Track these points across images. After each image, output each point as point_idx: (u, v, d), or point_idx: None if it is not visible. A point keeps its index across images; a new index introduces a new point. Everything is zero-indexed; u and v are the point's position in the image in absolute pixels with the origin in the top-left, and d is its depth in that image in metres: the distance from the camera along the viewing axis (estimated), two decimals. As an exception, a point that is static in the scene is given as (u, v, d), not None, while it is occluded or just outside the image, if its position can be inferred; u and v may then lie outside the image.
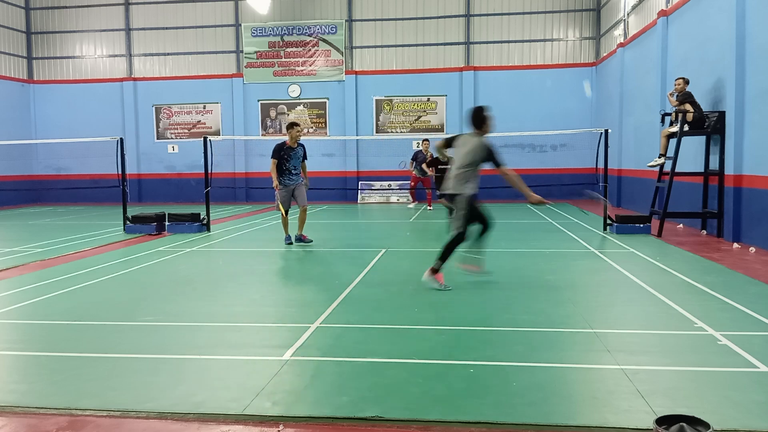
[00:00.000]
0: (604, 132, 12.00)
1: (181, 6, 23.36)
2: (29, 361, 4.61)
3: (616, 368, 4.22)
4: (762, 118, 9.66)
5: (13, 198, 22.22)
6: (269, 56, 23.04)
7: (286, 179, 10.21)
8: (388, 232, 13.09)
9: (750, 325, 5.28)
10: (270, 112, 23.15)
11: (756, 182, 9.86)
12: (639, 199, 16.01)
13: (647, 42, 15.60)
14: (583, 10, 21.97)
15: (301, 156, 10.29)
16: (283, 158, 10.12)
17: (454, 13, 22.38)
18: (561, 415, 3.48)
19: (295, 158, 10.19)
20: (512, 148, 21.09)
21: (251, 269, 8.50)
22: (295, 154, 10.19)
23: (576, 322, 5.49)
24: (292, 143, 10.19)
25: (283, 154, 10.12)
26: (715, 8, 11.41)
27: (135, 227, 12.55)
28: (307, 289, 7.42)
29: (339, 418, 3.50)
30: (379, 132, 22.68)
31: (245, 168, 23.12)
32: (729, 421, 3.36)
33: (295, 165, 10.19)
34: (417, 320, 5.60)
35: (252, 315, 5.92)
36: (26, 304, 6.44)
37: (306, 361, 4.46)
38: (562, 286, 7.01)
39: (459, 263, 7.48)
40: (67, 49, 24.11)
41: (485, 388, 3.89)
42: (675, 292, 6.54)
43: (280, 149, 10.15)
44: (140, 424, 3.47)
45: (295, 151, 10.20)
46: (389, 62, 22.78)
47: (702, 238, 10.99)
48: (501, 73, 22.21)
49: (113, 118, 23.47)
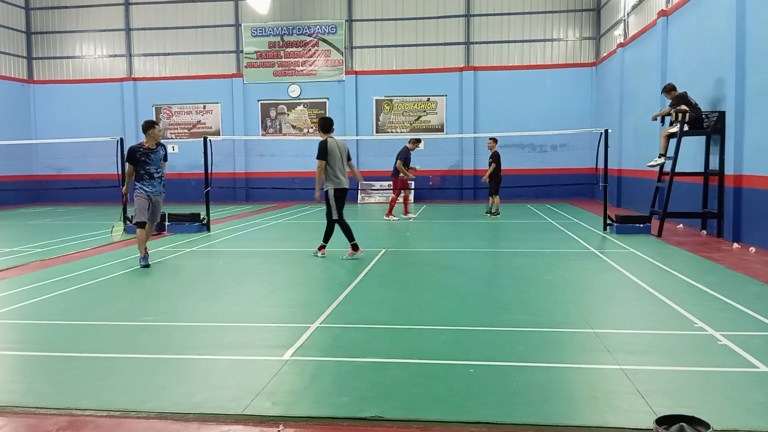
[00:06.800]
0: (604, 132, 12.00)
1: (181, 6, 23.36)
2: (29, 361, 4.61)
3: (616, 368, 4.21)
4: (762, 118, 9.66)
5: (13, 198, 22.22)
6: (269, 56, 23.04)
7: (147, 185, 8.77)
8: (388, 232, 13.09)
9: (750, 325, 5.28)
10: (270, 112, 23.14)
11: (756, 182, 9.85)
12: (639, 199, 16.00)
13: (647, 42, 15.59)
14: (583, 10, 21.97)
15: (161, 158, 8.92)
16: (140, 161, 8.72)
17: (454, 13, 22.38)
18: (561, 415, 3.48)
19: (155, 161, 8.83)
20: (512, 148, 21.10)
21: (251, 269, 8.50)
22: (156, 157, 8.84)
23: (576, 322, 5.48)
24: (151, 144, 8.85)
25: (140, 157, 8.72)
26: (715, 8, 11.41)
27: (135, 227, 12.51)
28: (307, 289, 7.42)
29: (339, 418, 3.49)
30: (379, 132, 22.67)
31: (245, 168, 23.13)
32: (729, 421, 3.36)
33: (157, 168, 8.84)
34: (417, 320, 5.60)
35: (252, 315, 5.92)
36: (26, 304, 6.43)
37: (306, 361, 4.46)
38: (562, 286, 7.01)
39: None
40: (67, 49, 24.10)
41: (485, 388, 3.89)
42: (675, 292, 6.54)
43: (135, 152, 8.76)
44: (140, 424, 3.47)
45: (155, 152, 8.85)
46: (389, 62, 22.78)
47: (702, 238, 10.99)
48: (501, 73, 22.21)
49: (113, 118, 23.47)
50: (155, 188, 8.86)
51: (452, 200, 22.16)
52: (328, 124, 9.25)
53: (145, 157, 8.76)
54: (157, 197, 8.91)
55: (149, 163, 8.78)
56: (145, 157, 8.76)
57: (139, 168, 8.76)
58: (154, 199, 8.87)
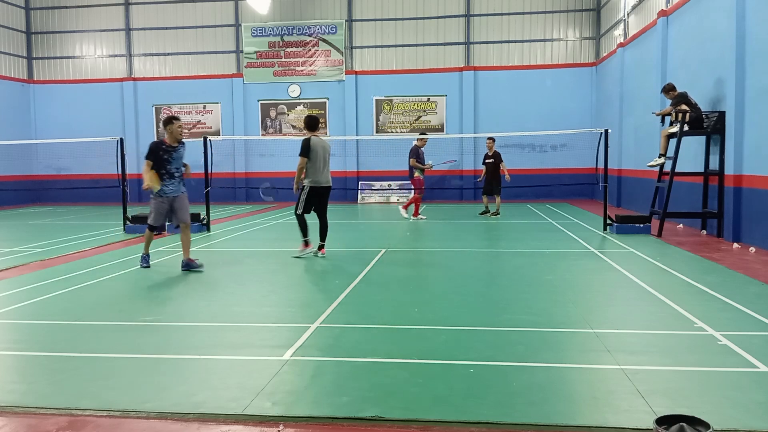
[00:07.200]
0: (604, 132, 12.01)
1: (181, 6, 23.36)
2: (29, 361, 4.61)
3: (616, 368, 4.21)
4: (762, 118, 9.66)
5: (13, 198, 22.22)
6: (269, 56, 23.04)
7: (167, 186, 8.33)
8: (388, 232, 13.09)
9: (750, 325, 5.28)
10: (270, 112, 23.15)
11: (756, 182, 9.85)
12: (639, 199, 16.01)
13: (647, 42, 15.60)
14: (583, 10, 21.97)
15: (183, 157, 8.45)
16: (162, 160, 8.25)
17: (454, 13, 22.38)
18: (561, 415, 3.48)
19: (176, 160, 8.37)
20: (512, 148, 21.09)
21: (251, 269, 8.50)
22: (177, 155, 8.39)
23: (576, 322, 5.48)
24: (172, 141, 8.37)
25: (162, 155, 8.26)
26: (715, 8, 11.41)
27: (135, 227, 12.55)
28: (307, 289, 7.42)
29: (339, 418, 3.49)
30: (379, 132, 22.67)
31: (245, 168, 23.13)
32: (729, 421, 3.36)
33: (177, 167, 8.36)
34: (417, 320, 5.60)
35: (252, 315, 5.92)
36: (26, 304, 6.43)
37: (306, 361, 4.46)
38: (562, 286, 7.01)
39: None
40: (67, 49, 24.10)
41: (485, 388, 3.89)
42: (675, 292, 6.54)
43: (158, 149, 8.28)
44: (140, 424, 3.47)
45: (177, 150, 8.39)
46: (389, 62, 22.78)
47: (702, 238, 10.99)
48: (501, 73, 22.21)
49: (113, 118, 23.47)
50: (175, 188, 8.37)
51: (452, 200, 22.15)
52: (313, 123, 9.42)
53: (168, 155, 8.24)
54: (180, 198, 8.43)
55: (171, 162, 8.26)
56: (167, 155, 8.24)
57: (159, 167, 8.23)
58: (174, 199, 8.38)
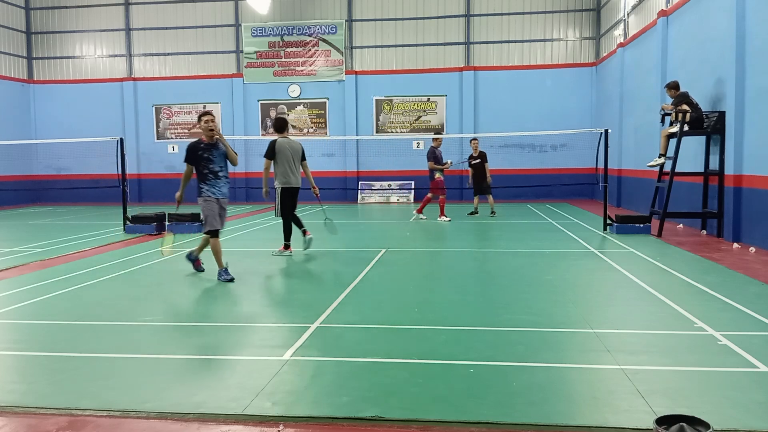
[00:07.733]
0: (604, 132, 12.00)
1: (181, 6, 23.36)
2: (29, 361, 4.61)
3: (616, 368, 4.21)
4: (762, 118, 9.66)
5: (13, 198, 22.22)
6: (269, 56, 23.03)
7: (214, 187, 7.66)
8: (388, 232, 13.09)
9: (750, 325, 5.28)
10: (270, 112, 23.13)
11: (756, 182, 9.85)
12: (639, 199, 16.00)
13: (647, 42, 15.59)
14: (583, 10, 21.97)
15: (224, 154, 7.70)
16: (202, 159, 7.59)
17: (454, 13, 22.38)
18: (561, 415, 3.48)
19: (219, 157, 7.66)
20: (512, 148, 21.10)
21: (251, 269, 8.50)
22: (218, 152, 7.67)
23: (576, 322, 5.48)
24: (210, 138, 7.61)
25: (203, 154, 7.59)
26: (715, 8, 11.41)
27: (135, 227, 12.54)
28: (307, 289, 7.42)
29: (339, 418, 3.50)
30: (379, 132, 22.66)
31: (245, 168, 23.08)
32: (729, 421, 3.36)
33: (221, 166, 7.70)
34: (417, 320, 5.60)
35: (252, 315, 5.92)
36: (26, 304, 6.43)
37: (306, 361, 4.46)
38: (562, 286, 7.01)
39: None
40: (67, 49, 24.10)
41: (485, 388, 3.89)
42: (675, 292, 6.54)
43: (196, 149, 7.60)
44: (140, 424, 3.47)
45: (217, 147, 7.66)
46: (389, 62, 22.78)
47: (702, 238, 10.99)
48: (501, 73, 22.20)
49: (113, 118, 23.46)
50: (223, 190, 7.69)
51: (452, 200, 22.15)
52: (280, 125, 9.58)
53: (208, 153, 7.57)
54: (226, 202, 7.80)
55: (212, 161, 7.58)
56: (207, 154, 7.57)
57: (201, 168, 7.59)
58: (224, 203, 7.78)
